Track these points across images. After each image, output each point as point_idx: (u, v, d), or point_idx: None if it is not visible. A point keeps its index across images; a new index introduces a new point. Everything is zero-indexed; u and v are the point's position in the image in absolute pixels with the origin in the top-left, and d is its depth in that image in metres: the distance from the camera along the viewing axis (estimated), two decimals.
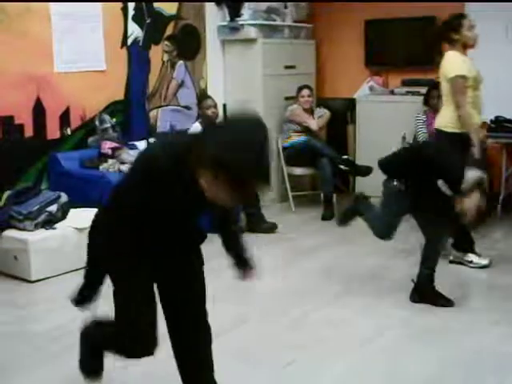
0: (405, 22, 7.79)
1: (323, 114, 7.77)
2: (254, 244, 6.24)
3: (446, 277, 5.20)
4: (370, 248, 5.62)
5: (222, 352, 3.94)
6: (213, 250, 6.09)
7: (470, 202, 4.13)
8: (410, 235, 5.46)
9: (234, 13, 7.62)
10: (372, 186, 5.76)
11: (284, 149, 7.68)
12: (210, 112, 6.77)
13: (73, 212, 5.59)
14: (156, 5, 7.01)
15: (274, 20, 7.89)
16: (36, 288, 5.14)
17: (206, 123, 6.78)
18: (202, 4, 7.56)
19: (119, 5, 6.63)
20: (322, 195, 7.43)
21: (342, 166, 7.22)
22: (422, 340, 4.14)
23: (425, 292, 4.69)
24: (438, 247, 4.64)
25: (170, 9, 7.18)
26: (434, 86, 6.95)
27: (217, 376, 3.68)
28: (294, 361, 3.87)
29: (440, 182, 4.30)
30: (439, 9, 7.53)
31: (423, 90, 7.02)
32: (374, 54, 8.12)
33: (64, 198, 5.63)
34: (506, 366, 3.79)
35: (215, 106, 6.83)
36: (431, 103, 6.75)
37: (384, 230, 4.71)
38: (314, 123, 7.56)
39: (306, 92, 7.62)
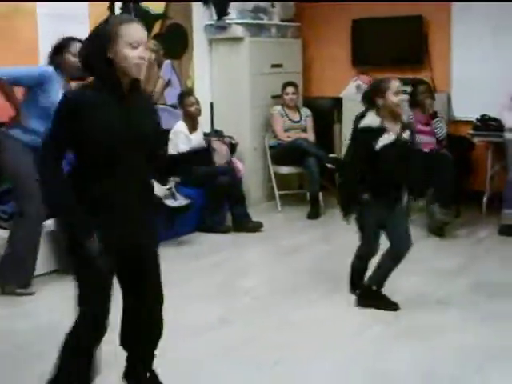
0: (392, 21, 7.81)
1: (309, 114, 7.79)
2: (240, 243, 6.35)
3: (429, 274, 5.25)
4: (355, 247, 5.64)
5: (207, 351, 3.99)
6: (199, 249, 6.15)
7: None
8: None
9: (221, 12, 7.62)
10: None
11: (270, 147, 7.70)
12: (193, 109, 6.77)
13: None
14: (143, 4, 6.99)
15: (261, 19, 7.89)
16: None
17: (188, 120, 6.78)
18: (189, 3, 7.55)
19: (106, 4, 6.62)
20: (308, 194, 7.44)
21: (328, 165, 7.23)
22: (408, 338, 4.16)
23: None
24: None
25: (156, 8, 7.16)
26: (420, 82, 6.99)
27: (202, 373, 3.71)
28: (281, 359, 3.88)
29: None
30: (426, 8, 7.58)
31: (409, 88, 7.03)
32: (361, 53, 8.14)
33: None
34: (491, 363, 3.81)
35: (198, 103, 6.83)
36: (418, 99, 6.75)
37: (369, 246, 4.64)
38: (281, 133, 7.58)
39: (290, 89, 7.63)
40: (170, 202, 6.12)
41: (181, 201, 6.21)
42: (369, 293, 4.63)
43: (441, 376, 3.67)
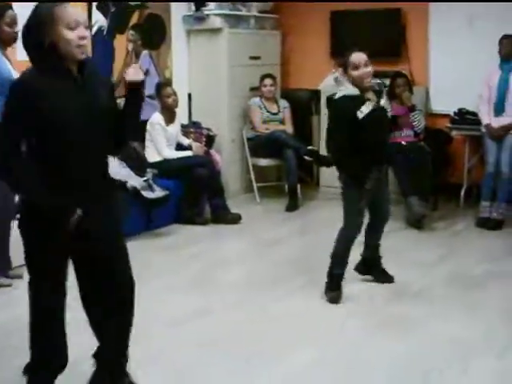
0: (370, 13, 7.81)
1: (287, 106, 7.78)
2: (219, 235, 6.33)
3: (408, 266, 5.26)
4: (333, 239, 5.64)
5: (185, 342, 3.98)
6: (177, 240, 6.12)
7: None
8: None
9: (200, 3, 7.57)
10: (336, 176, 5.75)
11: (249, 139, 7.68)
12: (170, 100, 6.73)
13: None
14: None
15: (240, 10, 7.85)
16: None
17: (165, 112, 6.74)
18: None
19: None
20: (286, 186, 7.43)
21: (306, 157, 7.21)
22: (387, 329, 4.16)
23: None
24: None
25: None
26: (398, 75, 7.00)
27: (180, 365, 3.69)
28: (259, 351, 3.87)
29: None
30: (404, 1, 7.57)
31: (387, 81, 7.04)
32: (339, 46, 8.10)
33: None
34: (470, 352, 3.83)
35: (175, 94, 6.79)
36: (396, 92, 6.76)
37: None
38: (259, 125, 7.56)
39: (268, 81, 7.61)
40: (147, 194, 6.09)
41: (158, 192, 6.18)
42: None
43: (420, 367, 3.67)
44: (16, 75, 4.56)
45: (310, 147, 7.43)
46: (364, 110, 4.32)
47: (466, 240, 6.05)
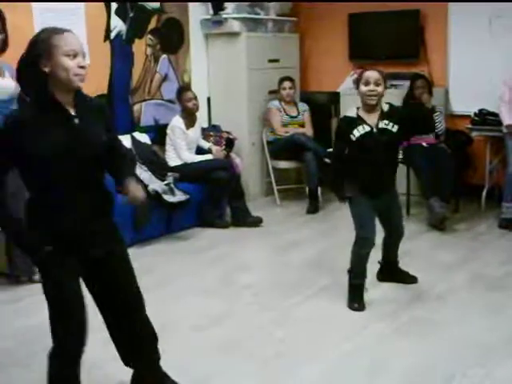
0: (389, 15, 7.78)
1: (307, 108, 7.77)
2: (239, 238, 6.33)
3: (429, 268, 5.24)
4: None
5: (207, 345, 3.98)
6: (198, 244, 6.12)
7: None
8: None
9: (218, 6, 7.58)
10: None
11: (268, 142, 7.68)
12: (191, 104, 6.75)
13: None
14: None
15: (258, 14, 7.86)
16: (20, 283, 5.11)
17: (186, 116, 6.77)
18: None
19: None
20: (307, 189, 7.42)
21: (326, 160, 7.20)
22: (408, 332, 4.15)
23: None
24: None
25: (153, 2, 7.13)
26: (418, 76, 6.97)
27: (202, 368, 3.70)
28: (281, 354, 3.87)
29: None
30: (423, 2, 7.54)
31: (407, 82, 7.03)
32: (358, 48, 8.12)
33: None
34: (492, 356, 3.80)
35: (196, 98, 6.81)
36: (416, 93, 6.74)
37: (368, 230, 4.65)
38: (278, 128, 7.55)
39: (287, 84, 7.60)
40: (168, 198, 6.10)
41: (179, 196, 6.19)
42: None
43: (442, 371, 3.65)
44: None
45: (330, 150, 7.42)
46: (355, 133, 4.37)
47: (488, 242, 6.00)
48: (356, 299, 4.56)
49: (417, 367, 3.70)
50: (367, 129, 4.37)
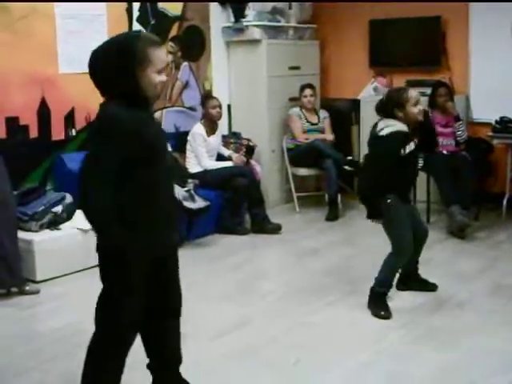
0: (409, 21, 7.77)
1: (327, 115, 7.78)
2: (259, 245, 6.33)
3: (449, 277, 5.21)
4: (374, 249, 5.61)
5: (227, 351, 3.99)
6: (218, 250, 6.14)
7: None
8: None
9: (239, 14, 7.61)
10: None
11: (288, 149, 7.68)
12: (215, 112, 6.79)
13: (78, 213, 5.59)
14: (160, 5, 7.00)
15: (279, 21, 7.88)
16: (41, 288, 5.13)
17: (208, 123, 6.80)
18: (207, 5, 7.55)
19: (124, 5, 6.63)
20: (326, 196, 7.42)
21: (346, 167, 7.21)
22: (428, 341, 4.13)
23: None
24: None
25: (174, 10, 7.17)
26: (440, 84, 6.95)
27: (221, 375, 3.71)
28: (300, 361, 3.87)
29: None
30: (443, 8, 7.53)
31: (428, 90, 6.99)
32: (379, 55, 8.11)
33: (69, 198, 5.64)
34: None
35: (220, 107, 6.85)
36: (438, 101, 6.74)
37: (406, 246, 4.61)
38: (299, 135, 7.56)
39: (308, 91, 7.61)
40: (189, 204, 6.11)
41: (200, 203, 6.20)
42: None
43: (462, 379, 3.63)
44: None
45: (350, 157, 7.43)
46: (407, 149, 4.38)
47: (509, 250, 5.96)
48: (382, 307, 4.54)
49: (437, 376, 3.68)
50: (412, 146, 4.42)
